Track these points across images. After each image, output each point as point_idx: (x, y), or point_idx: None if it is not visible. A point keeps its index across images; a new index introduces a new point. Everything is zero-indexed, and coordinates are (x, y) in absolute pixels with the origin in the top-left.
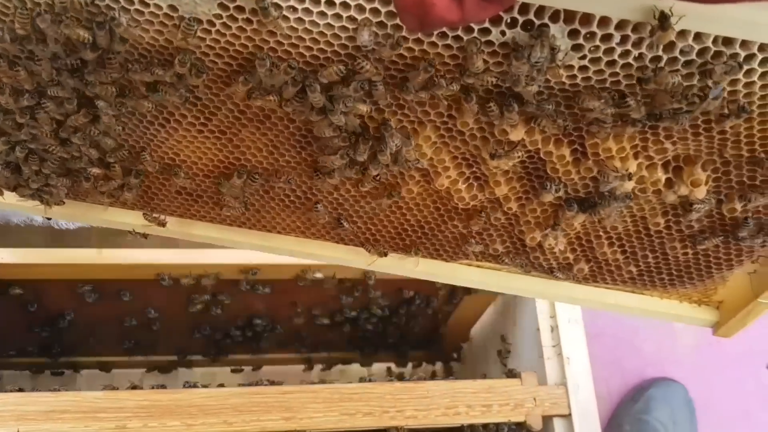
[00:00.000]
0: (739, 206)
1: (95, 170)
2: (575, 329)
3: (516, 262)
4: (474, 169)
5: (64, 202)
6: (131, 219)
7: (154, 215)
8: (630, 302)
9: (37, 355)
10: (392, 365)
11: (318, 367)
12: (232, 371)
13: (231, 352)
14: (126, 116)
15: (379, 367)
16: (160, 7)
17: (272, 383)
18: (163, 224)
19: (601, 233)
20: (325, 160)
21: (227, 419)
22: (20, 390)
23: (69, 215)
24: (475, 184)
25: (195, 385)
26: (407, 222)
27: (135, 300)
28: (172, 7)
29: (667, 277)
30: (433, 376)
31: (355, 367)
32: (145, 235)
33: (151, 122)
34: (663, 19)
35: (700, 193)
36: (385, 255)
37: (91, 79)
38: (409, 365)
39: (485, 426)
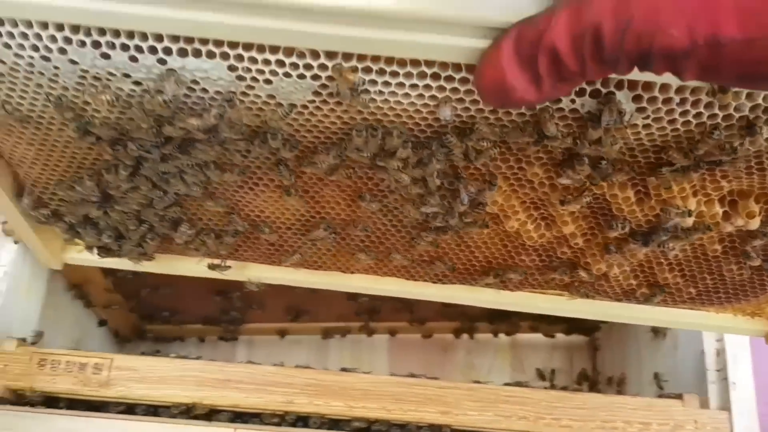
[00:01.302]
0: None
1: (191, 231)
2: (742, 354)
3: (581, 291)
4: (542, 210)
5: (153, 258)
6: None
7: (221, 263)
8: (686, 318)
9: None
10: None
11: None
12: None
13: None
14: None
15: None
16: (259, 96)
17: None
18: (227, 267)
19: (662, 260)
20: (408, 211)
21: (386, 406)
22: (199, 358)
23: (155, 267)
24: (543, 223)
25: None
26: (475, 258)
27: None
28: (271, 96)
29: (724, 295)
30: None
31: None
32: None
33: (241, 186)
34: None
35: (755, 224)
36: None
37: (196, 154)
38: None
39: None
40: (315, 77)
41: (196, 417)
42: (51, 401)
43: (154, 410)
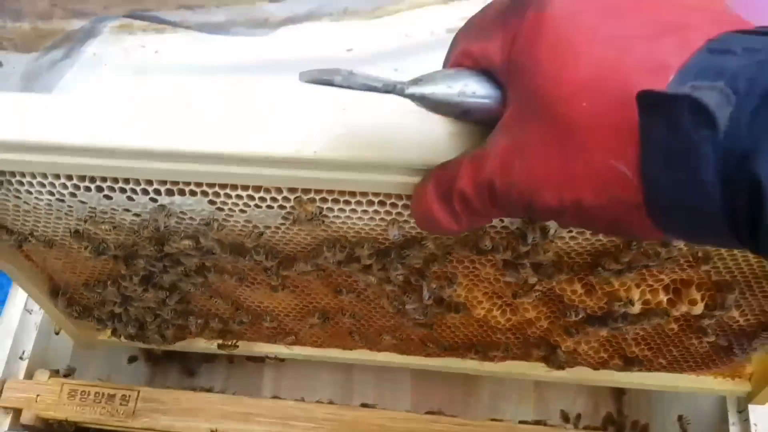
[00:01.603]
0: (737, 315)
1: (201, 321)
2: None
3: (557, 363)
4: (504, 298)
5: (173, 343)
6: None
7: (229, 343)
8: (667, 381)
9: None
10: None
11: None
12: None
13: None
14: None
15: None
16: (238, 221)
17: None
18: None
19: (627, 336)
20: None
21: None
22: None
23: (174, 346)
24: (508, 309)
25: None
26: (457, 337)
27: None
28: (248, 221)
29: (694, 364)
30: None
31: None
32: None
33: (240, 285)
34: None
35: (698, 309)
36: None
37: (194, 264)
38: None
39: None
40: (281, 207)
41: None
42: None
43: None
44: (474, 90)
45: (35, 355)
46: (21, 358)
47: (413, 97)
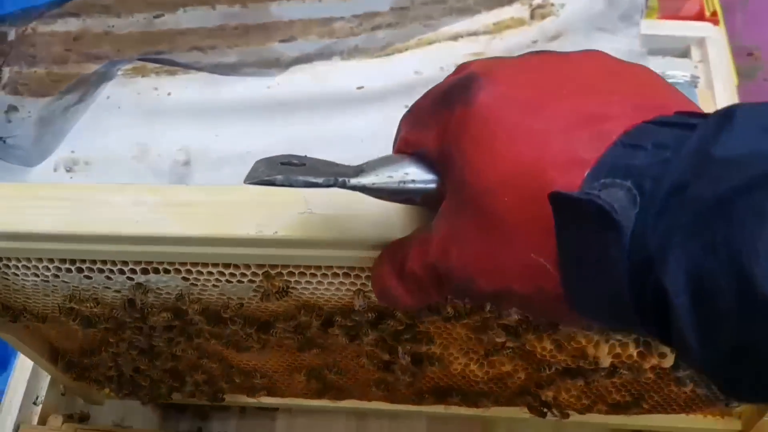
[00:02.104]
0: None
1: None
2: None
3: (541, 411)
4: (480, 353)
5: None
6: None
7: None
8: (656, 422)
9: None
10: None
11: None
12: None
13: None
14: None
15: None
16: (212, 294)
17: None
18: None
19: (607, 384)
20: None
21: None
22: None
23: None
24: (485, 362)
25: None
26: (441, 387)
27: None
28: (221, 293)
29: (677, 407)
30: None
31: None
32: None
33: (223, 348)
34: None
35: (668, 362)
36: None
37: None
38: None
39: None
40: (251, 281)
41: None
42: None
43: None
44: (414, 178)
45: (48, 400)
46: (35, 403)
47: (355, 189)
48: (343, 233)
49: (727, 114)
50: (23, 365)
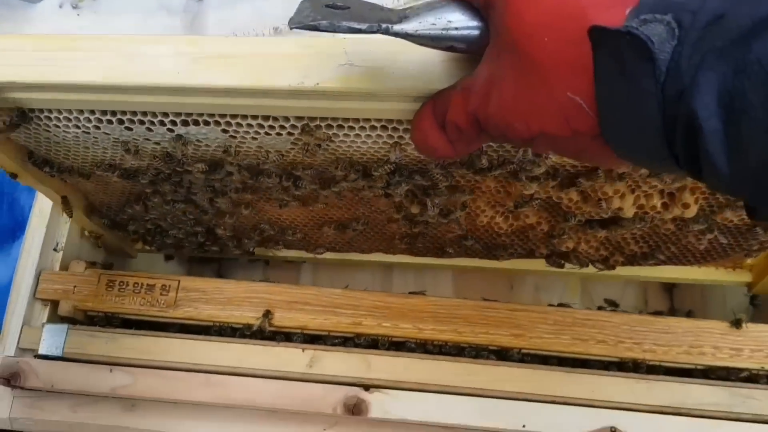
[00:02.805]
0: (730, 215)
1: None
2: None
3: (559, 263)
4: (506, 206)
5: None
6: None
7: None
8: (670, 273)
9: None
10: None
11: None
12: None
13: None
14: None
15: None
16: (251, 147)
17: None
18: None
19: (626, 235)
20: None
21: (457, 329)
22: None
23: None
24: (510, 215)
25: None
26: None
27: None
28: (259, 146)
29: (692, 258)
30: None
31: None
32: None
33: (258, 201)
34: None
35: (691, 213)
36: None
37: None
38: None
39: (730, 369)
40: (289, 134)
41: (264, 338)
42: (119, 322)
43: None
44: (457, 25)
45: (69, 246)
46: (55, 249)
47: (398, 35)
48: (383, 84)
49: None
50: (41, 211)
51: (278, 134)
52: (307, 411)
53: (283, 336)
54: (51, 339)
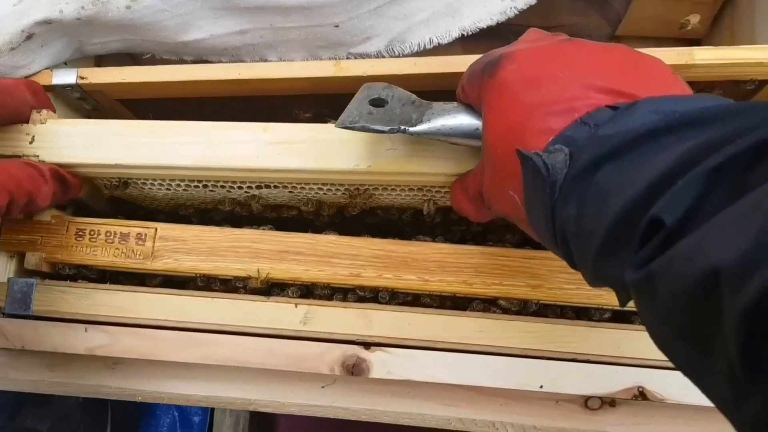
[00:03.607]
0: None
1: None
2: None
3: None
4: None
5: None
6: None
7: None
8: None
9: None
10: None
11: None
12: None
13: None
14: None
15: None
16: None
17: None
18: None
19: None
20: None
21: (467, 279)
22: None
23: None
24: None
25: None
26: None
27: None
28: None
29: None
30: None
31: None
32: None
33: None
34: None
35: None
36: None
37: None
38: None
39: None
40: (342, 194)
41: (253, 292)
42: (94, 276)
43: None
44: (459, 127)
45: None
46: None
47: (413, 135)
48: (421, 166)
49: (634, 103)
50: None
51: (333, 194)
52: (302, 372)
53: (276, 290)
54: (18, 295)
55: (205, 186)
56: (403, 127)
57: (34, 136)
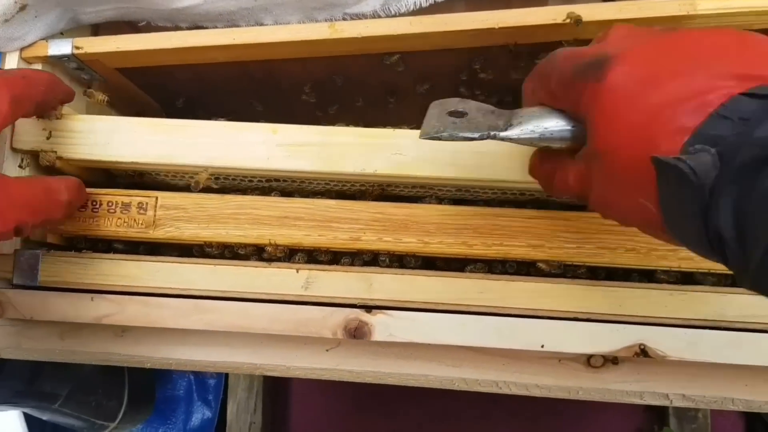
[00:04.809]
0: None
1: None
2: None
3: None
4: None
5: None
6: None
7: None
8: None
9: None
10: None
11: None
12: None
13: None
14: None
15: None
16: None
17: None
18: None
19: None
20: None
21: (467, 240)
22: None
23: None
24: None
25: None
26: None
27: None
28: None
29: None
30: None
31: None
32: None
33: None
34: None
35: None
36: None
37: None
38: None
39: None
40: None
41: (258, 259)
42: (99, 245)
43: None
44: (552, 131)
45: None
46: (21, 166)
47: (504, 140)
48: (425, 171)
49: None
50: None
51: (342, 186)
52: (305, 336)
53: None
54: (24, 266)
55: (216, 179)
56: (493, 133)
57: (51, 132)
